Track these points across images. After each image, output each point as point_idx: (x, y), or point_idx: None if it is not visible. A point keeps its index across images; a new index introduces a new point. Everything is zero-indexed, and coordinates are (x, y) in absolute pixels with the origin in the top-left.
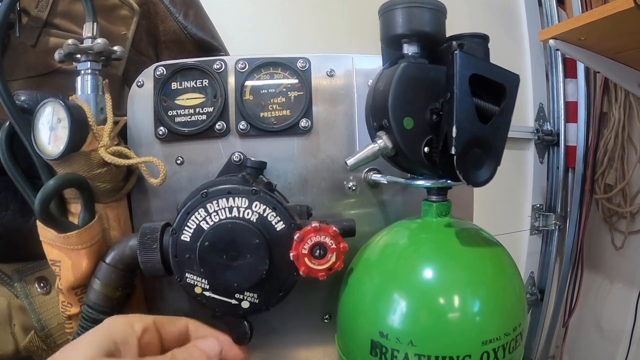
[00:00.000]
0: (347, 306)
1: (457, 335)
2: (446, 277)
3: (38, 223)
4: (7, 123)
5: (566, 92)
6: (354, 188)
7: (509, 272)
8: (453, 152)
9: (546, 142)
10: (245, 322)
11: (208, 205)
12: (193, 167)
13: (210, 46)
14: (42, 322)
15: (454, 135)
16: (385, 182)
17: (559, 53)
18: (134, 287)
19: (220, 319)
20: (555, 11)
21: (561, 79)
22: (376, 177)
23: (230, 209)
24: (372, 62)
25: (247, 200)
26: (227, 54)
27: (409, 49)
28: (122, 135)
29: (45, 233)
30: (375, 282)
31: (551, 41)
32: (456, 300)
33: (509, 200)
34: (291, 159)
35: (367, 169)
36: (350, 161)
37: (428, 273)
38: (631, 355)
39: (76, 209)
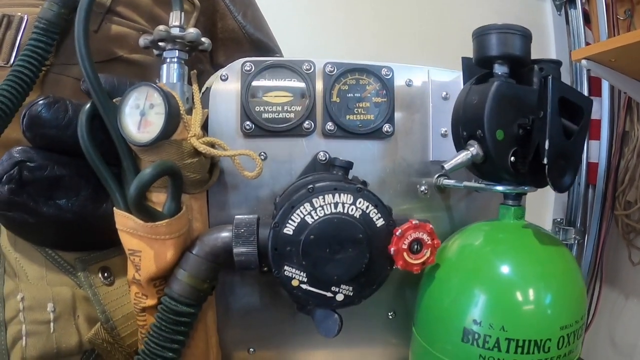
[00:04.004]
0: (434, 299)
1: (541, 321)
2: (527, 271)
3: (117, 211)
4: (88, 105)
5: None
6: (425, 192)
7: (574, 268)
8: (545, 162)
9: None
10: (336, 315)
11: (314, 200)
12: (276, 164)
13: (267, 47)
14: (107, 313)
15: (546, 147)
16: (462, 186)
17: (584, 71)
18: (217, 280)
19: (307, 313)
20: (582, 30)
21: None
22: (448, 182)
23: (336, 204)
24: (445, 75)
25: (352, 197)
26: (281, 55)
27: (499, 69)
28: (203, 128)
29: (126, 221)
30: (461, 277)
31: (583, 61)
32: (538, 291)
33: (531, 213)
34: (372, 161)
35: (437, 175)
36: (447, 165)
37: (511, 268)
38: None
39: (158, 198)
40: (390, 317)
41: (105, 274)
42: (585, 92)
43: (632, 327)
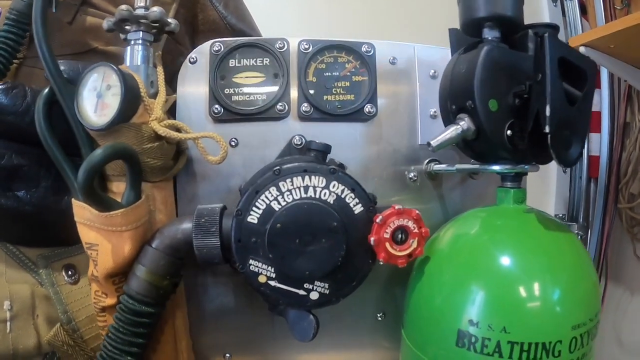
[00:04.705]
0: (425, 297)
1: (550, 321)
2: (531, 262)
3: (74, 201)
4: (46, 90)
5: None
6: (414, 179)
7: (584, 257)
8: (547, 130)
9: None
10: (312, 316)
11: (281, 184)
12: (248, 150)
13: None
14: (69, 314)
15: (547, 114)
16: (454, 170)
17: None
18: (180, 277)
19: (280, 313)
20: (579, 21)
21: None
22: (440, 167)
23: (306, 188)
24: (433, 52)
25: (324, 180)
26: None
27: (489, 34)
28: (171, 113)
29: (83, 212)
30: (455, 271)
31: (582, 48)
32: (545, 285)
33: None
34: (353, 146)
35: (427, 160)
36: (435, 142)
37: (512, 259)
38: None
39: (118, 187)
40: (380, 318)
41: (70, 272)
42: None
43: (638, 324)
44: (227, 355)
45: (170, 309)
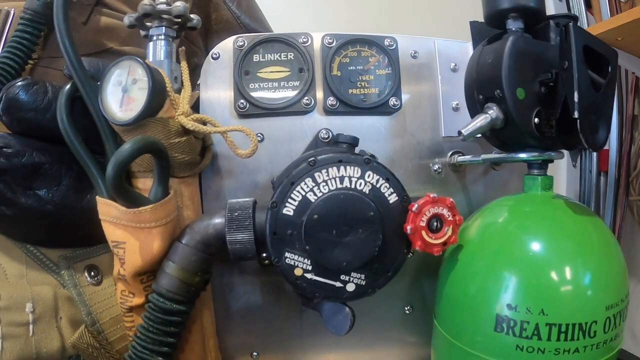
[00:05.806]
0: (458, 286)
1: (586, 302)
2: (564, 247)
3: (99, 199)
4: (68, 85)
5: None
6: (439, 171)
7: (611, 240)
8: (576, 115)
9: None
10: (347, 308)
11: (316, 175)
12: (274, 145)
13: None
14: (93, 315)
15: (576, 100)
16: (480, 161)
17: None
18: (211, 274)
19: (314, 308)
20: (585, 15)
21: None
22: (464, 158)
23: (342, 178)
24: (453, 46)
25: (359, 170)
26: None
27: (514, 24)
28: (194, 110)
29: (108, 210)
30: (487, 259)
31: None
32: (577, 269)
33: None
34: (378, 138)
35: (451, 152)
36: (466, 130)
37: (542, 244)
38: None
39: (144, 184)
40: (407, 312)
41: (92, 273)
42: None
43: None
44: (255, 354)
45: (198, 308)
